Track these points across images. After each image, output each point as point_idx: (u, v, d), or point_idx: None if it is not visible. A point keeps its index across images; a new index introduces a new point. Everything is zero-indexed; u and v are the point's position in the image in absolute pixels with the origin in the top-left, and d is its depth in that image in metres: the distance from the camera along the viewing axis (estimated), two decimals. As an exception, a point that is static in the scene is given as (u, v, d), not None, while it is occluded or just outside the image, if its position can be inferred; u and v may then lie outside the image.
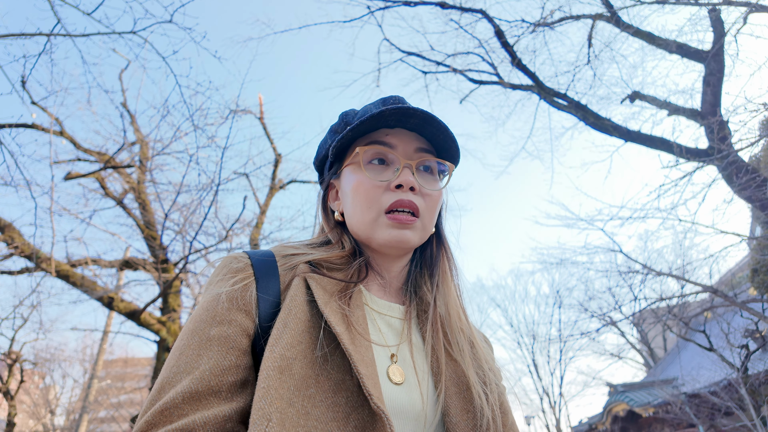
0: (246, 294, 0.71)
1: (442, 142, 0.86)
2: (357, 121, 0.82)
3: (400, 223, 0.79)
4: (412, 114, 0.80)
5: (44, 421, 15.08)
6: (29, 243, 5.72)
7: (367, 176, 0.82)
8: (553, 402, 19.91)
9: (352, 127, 0.81)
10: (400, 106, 0.79)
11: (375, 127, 0.84)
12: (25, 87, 5.24)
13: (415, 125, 0.84)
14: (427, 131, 0.85)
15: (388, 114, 0.80)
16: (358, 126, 0.81)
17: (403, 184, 0.80)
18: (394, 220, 0.79)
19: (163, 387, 0.62)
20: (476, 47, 7.85)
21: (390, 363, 0.74)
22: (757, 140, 5.79)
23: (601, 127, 7.10)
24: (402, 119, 0.82)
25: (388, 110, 0.79)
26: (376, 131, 0.85)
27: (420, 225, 0.82)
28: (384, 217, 0.80)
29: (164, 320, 6.41)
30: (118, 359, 21.78)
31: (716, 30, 6.23)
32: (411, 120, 0.82)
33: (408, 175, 0.81)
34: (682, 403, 10.03)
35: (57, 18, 4.35)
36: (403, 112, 0.80)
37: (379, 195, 0.81)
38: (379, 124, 0.82)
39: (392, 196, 0.81)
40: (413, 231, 0.81)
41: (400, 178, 0.81)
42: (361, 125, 0.81)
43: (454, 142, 0.85)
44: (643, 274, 7.98)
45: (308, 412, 0.62)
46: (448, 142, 0.85)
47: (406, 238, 0.80)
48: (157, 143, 7.23)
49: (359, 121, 0.81)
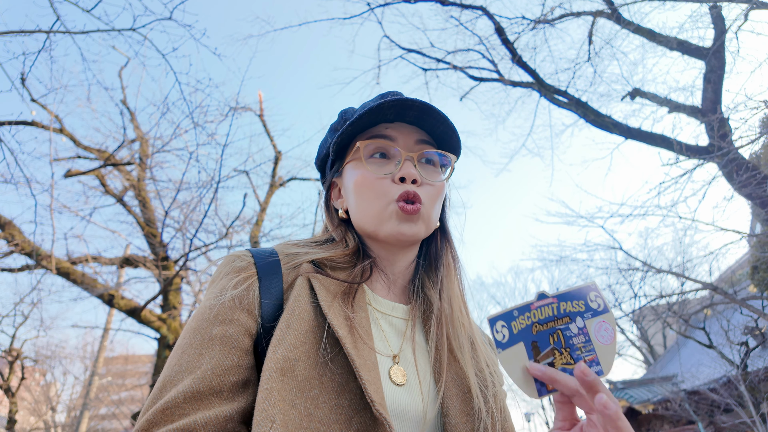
0: (249, 293, 0.71)
1: (443, 133, 0.86)
2: (355, 116, 0.82)
3: (407, 214, 0.79)
4: (411, 106, 0.80)
5: (45, 418, 15.13)
6: (29, 240, 5.73)
7: (370, 170, 0.82)
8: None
9: (351, 121, 0.81)
10: (398, 98, 0.79)
11: (374, 122, 0.84)
12: (24, 84, 5.23)
13: (414, 117, 0.84)
14: (426, 123, 0.84)
15: (386, 107, 0.80)
16: (357, 120, 0.81)
17: (406, 176, 0.80)
18: (402, 210, 0.79)
19: (164, 386, 0.62)
20: (476, 44, 7.85)
21: (392, 364, 0.74)
22: (758, 137, 5.79)
23: (601, 125, 7.09)
24: (401, 112, 0.82)
25: (386, 103, 0.79)
26: (375, 126, 0.85)
27: (425, 217, 0.82)
28: (393, 205, 0.80)
29: (165, 317, 6.42)
30: (119, 356, 21.82)
31: (717, 27, 6.21)
32: (410, 112, 0.82)
33: (410, 168, 0.81)
34: (682, 400, 10.06)
35: (56, 15, 4.34)
36: (401, 104, 0.80)
37: (383, 188, 0.81)
38: (378, 118, 0.82)
39: (396, 189, 0.81)
40: (418, 223, 0.81)
41: (403, 171, 0.81)
42: (360, 119, 0.81)
43: (454, 133, 0.85)
44: (643, 272, 7.98)
45: (311, 414, 0.62)
46: (448, 133, 0.85)
47: (412, 230, 0.80)
48: (157, 140, 7.23)
49: (358, 115, 0.81)
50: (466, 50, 7.99)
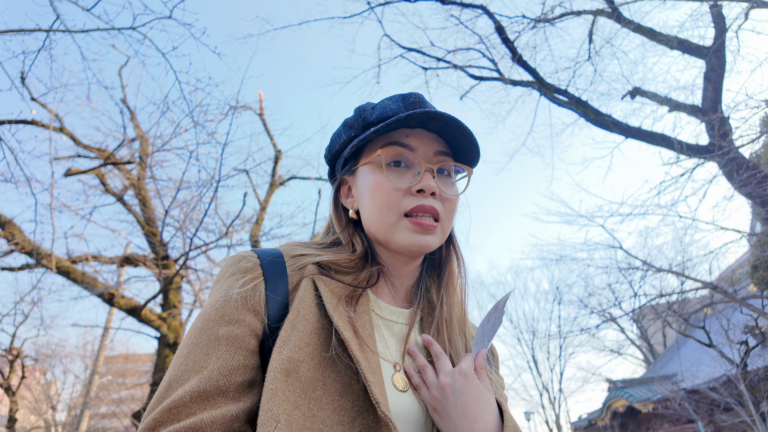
0: (255, 294, 0.71)
1: (463, 145, 0.85)
2: (382, 124, 0.80)
3: (423, 228, 0.79)
4: (437, 118, 0.79)
5: (45, 417, 15.14)
6: (30, 239, 5.73)
7: (388, 178, 0.81)
8: (553, 398, 19.98)
9: (377, 129, 0.80)
10: (427, 110, 0.78)
11: (395, 127, 0.83)
12: (24, 83, 5.23)
13: (437, 128, 0.83)
14: (448, 134, 0.84)
15: (413, 117, 0.79)
16: (383, 128, 0.80)
17: (425, 189, 0.80)
18: (417, 225, 0.79)
19: (170, 385, 0.63)
20: (477, 43, 7.84)
21: (394, 371, 0.75)
22: (758, 137, 5.79)
23: (601, 124, 7.09)
24: (424, 121, 0.81)
25: (415, 114, 0.78)
26: (395, 131, 0.84)
27: (440, 230, 0.82)
28: (405, 221, 0.80)
29: (165, 316, 6.42)
30: (119, 355, 21.82)
31: (717, 26, 6.21)
32: (433, 122, 0.81)
33: (429, 180, 0.80)
34: (682, 399, 10.07)
35: (56, 14, 4.34)
36: (429, 116, 0.79)
37: (399, 198, 0.80)
38: (399, 124, 0.81)
39: (413, 200, 0.80)
40: (434, 236, 0.81)
41: (422, 183, 0.80)
42: (386, 128, 0.80)
43: (476, 147, 0.84)
44: (643, 271, 7.99)
45: (314, 415, 0.62)
46: (469, 146, 0.85)
47: (427, 243, 0.80)
48: (157, 140, 7.23)
49: (385, 124, 0.79)
50: (467, 49, 7.99)
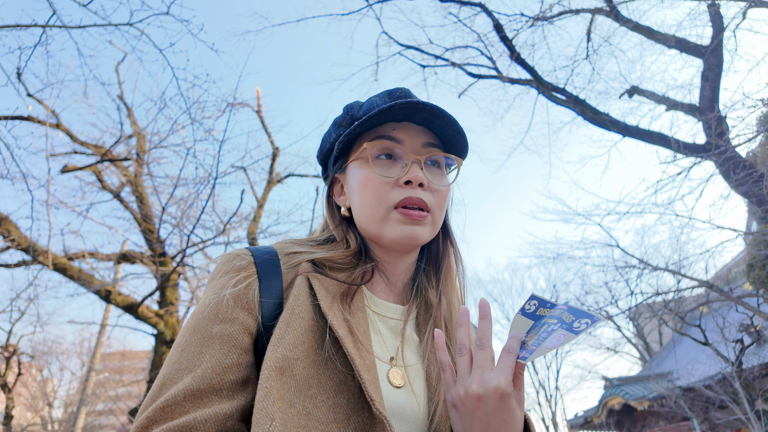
0: (249, 292, 0.71)
1: (451, 136, 0.85)
2: (365, 117, 0.80)
3: (412, 219, 0.79)
4: (421, 108, 0.79)
5: (42, 414, 15.12)
6: (26, 236, 5.71)
7: (375, 172, 0.81)
8: (549, 395, 20.07)
9: (360, 122, 0.80)
10: (409, 100, 0.78)
11: (382, 121, 0.82)
12: (20, 79, 5.20)
13: (423, 119, 0.82)
14: (434, 125, 0.83)
15: (396, 108, 0.78)
16: (366, 122, 0.80)
17: (412, 180, 0.79)
18: (405, 215, 0.78)
19: (164, 383, 0.62)
20: (475, 41, 7.83)
21: (390, 366, 0.75)
22: (755, 136, 5.80)
23: (599, 122, 7.09)
24: (410, 113, 0.81)
25: (397, 105, 0.77)
26: (382, 125, 0.84)
27: (430, 221, 0.82)
28: (395, 212, 0.79)
29: (162, 313, 6.41)
30: (116, 352, 21.79)
31: (715, 25, 6.22)
32: (419, 114, 0.81)
33: (417, 171, 0.80)
34: (677, 397, 10.13)
35: (53, 9, 4.32)
36: (412, 106, 0.78)
37: (387, 191, 0.80)
38: (386, 118, 0.81)
39: (401, 192, 0.80)
40: (424, 227, 0.80)
41: (409, 174, 0.80)
42: (369, 121, 0.80)
43: (463, 137, 0.84)
44: (640, 269, 8.02)
45: (309, 413, 0.62)
46: (456, 137, 0.84)
47: (417, 234, 0.80)
48: (154, 136, 7.20)
49: (367, 117, 0.79)
50: (465, 47, 7.97)
